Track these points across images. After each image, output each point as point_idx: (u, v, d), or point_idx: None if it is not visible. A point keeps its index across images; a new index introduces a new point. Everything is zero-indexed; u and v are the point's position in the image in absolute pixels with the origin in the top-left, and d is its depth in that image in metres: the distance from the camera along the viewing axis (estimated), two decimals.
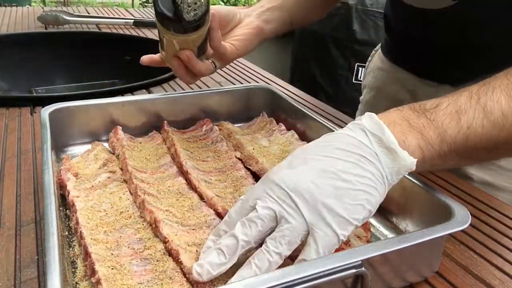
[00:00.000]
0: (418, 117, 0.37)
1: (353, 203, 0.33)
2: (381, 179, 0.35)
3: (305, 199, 0.33)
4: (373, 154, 0.35)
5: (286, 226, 0.33)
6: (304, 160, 0.35)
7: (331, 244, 0.33)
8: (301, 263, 0.33)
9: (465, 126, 0.36)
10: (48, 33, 1.23)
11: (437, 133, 0.36)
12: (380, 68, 0.79)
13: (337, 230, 0.33)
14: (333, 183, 0.33)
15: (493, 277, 0.41)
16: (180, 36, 0.48)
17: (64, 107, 0.57)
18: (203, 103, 0.66)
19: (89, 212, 0.43)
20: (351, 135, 0.36)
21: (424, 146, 0.36)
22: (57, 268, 0.31)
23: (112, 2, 5.11)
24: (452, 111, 0.37)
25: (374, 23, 1.94)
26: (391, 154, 0.35)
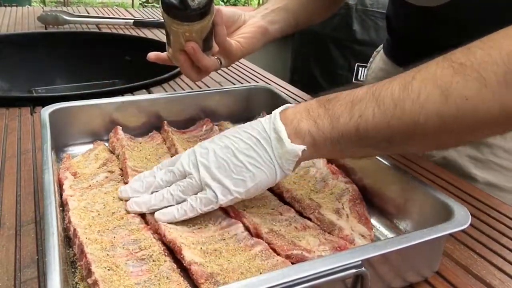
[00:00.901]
0: (318, 107, 0.40)
1: (236, 177, 0.41)
2: (269, 162, 0.41)
3: (205, 166, 0.42)
4: (267, 138, 0.41)
5: (186, 180, 0.43)
6: (221, 137, 0.44)
7: (209, 201, 0.41)
8: (301, 263, 0.33)
9: (356, 114, 0.38)
10: (48, 33, 1.23)
11: (329, 121, 0.39)
12: (382, 69, 0.79)
13: (218, 195, 0.41)
14: (227, 158, 0.41)
15: (493, 277, 0.41)
16: (185, 26, 0.50)
17: (64, 107, 0.57)
18: (203, 103, 0.66)
19: (82, 212, 0.43)
20: (261, 122, 0.42)
21: (315, 132, 0.39)
22: (57, 268, 0.31)
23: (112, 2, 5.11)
24: (348, 101, 0.39)
25: (374, 23, 1.94)
26: (281, 140, 0.40)
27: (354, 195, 0.48)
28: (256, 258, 0.39)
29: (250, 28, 0.61)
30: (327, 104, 0.40)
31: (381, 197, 0.49)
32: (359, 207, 0.47)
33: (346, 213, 0.46)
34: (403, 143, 0.39)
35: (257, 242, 0.41)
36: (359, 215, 0.46)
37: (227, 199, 0.41)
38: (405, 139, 0.38)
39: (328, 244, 0.41)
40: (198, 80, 0.59)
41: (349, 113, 0.38)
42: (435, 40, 0.64)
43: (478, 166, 0.63)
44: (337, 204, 0.47)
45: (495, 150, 0.62)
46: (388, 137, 0.37)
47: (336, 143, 0.39)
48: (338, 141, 0.39)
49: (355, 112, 0.38)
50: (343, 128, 0.38)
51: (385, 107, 0.36)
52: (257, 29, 0.61)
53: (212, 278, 0.36)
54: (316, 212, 0.46)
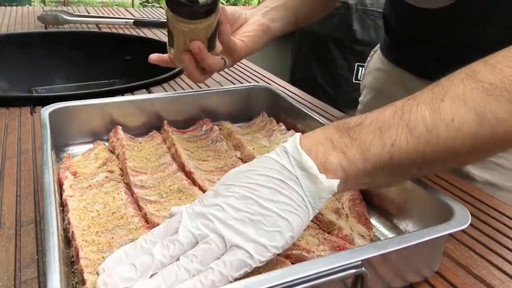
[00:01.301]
0: (341, 136, 0.36)
1: (271, 230, 0.34)
2: (302, 204, 0.35)
3: (225, 224, 0.33)
4: (293, 178, 0.35)
5: (201, 246, 0.33)
6: (228, 187, 0.36)
7: (243, 265, 0.33)
8: (301, 263, 0.33)
9: (388, 143, 0.35)
10: (48, 33, 1.23)
11: (360, 152, 0.35)
12: (380, 69, 0.79)
13: (253, 254, 0.33)
14: (251, 210, 0.34)
15: (493, 277, 0.41)
16: (191, 24, 0.49)
17: (64, 107, 0.57)
18: (203, 103, 0.66)
19: (81, 212, 0.43)
20: (276, 159, 0.36)
21: (347, 165, 0.35)
22: (57, 268, 0.31)
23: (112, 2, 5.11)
24: (376, 128, 0.36)
25: (374, 23, 1.94)
26: (311, 177, 0.35)
27: (353, 195, 0.48)
28: None
29: (252, 26, 0.61)
30: (351, 133, 0.36)
31: (381, 197, 0.49)
32: (358, 207, 0.47)
33: (345, 213, 0.46)
34: (433, 168, 0.38)
35: None
36: (359, 215, 0.46)
37: (265, 258, 0.33)
38: (437, 164, 0.37)
39: (327, 244, 0.41)
40: (202, 81, 0.58)
41: (379, 142, 0.35)
42: (433, 40, 0.64)
43: (476, 165, 0.63)
44: (336, 204, 0.47)
45: None
46: (421, 164, 0.36)
47: (368, 175, 0.36)
48: (371, 172, 0.36)
49: (386, 141, 0.35)
50: (376, 158, 0.35)
51: (419, 134, 0.34)
52: (259, 27, 0.61)
53: None
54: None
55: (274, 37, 0.64)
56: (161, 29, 1.33)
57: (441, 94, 0.35)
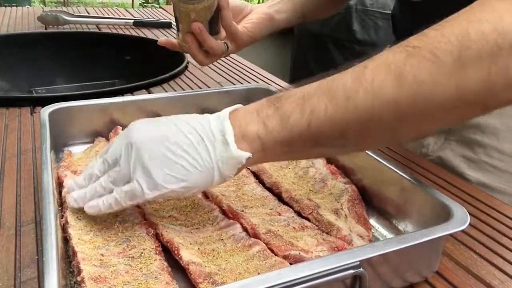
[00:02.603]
0: (268, 107, 0.37)
1: (168, 173, 0.37)
2: (208, 164, 0.37)
3: (135, 155, 0.37)
4: (211, 139, 0.37)
5: (116, 169, 0.39)
6: (160, 121, 0.40)
7: (133, 195, 0.38)
8: (299, 264, 0.33)
9: (308, 110, 0.35)
10: (48, 33, 1.23)
11: (279, 120, 0.36)
12: None
13: (144, 189, 0.37)
14: (163, 151, 0.37)
15: (493, 277, 0.41)
16: (190, 5, 0.53)
17: (64, 107, 0.57)
18: (203, 103, 0.66)
19: (79, 209, 0.43)
20: (209, 119, 0.39)
21: (264, 134, 0.36)
22: (55, 268, 0.31)
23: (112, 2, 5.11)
24: (299, 97, 0.36)
25: (374, 23, 1.94)
26: (227, 144, 0.37)
27: (353, 196, 0.48)
28: (254, 259, 0.39)
29: (256, 15, 0.63)
30: (277, 103, 0.37)
31: (380, 198, 0.49)
32: (358, 208, 0.47)
33: (344, 213, 0.46)
34: (359, 138, 0.36)
35: (255, 242, 0.41)
36: (358, 215, 0.46)
37: (154, 194, 0.37)
38: (361, 133, 0.36)
39: (326, 244, 0.41)
40: (207, 64, 0.60)
41: (300, 110, 0.35)
42: None
43: (471, 166, 0.63)
44: (336, 205, 0.47)
45: (488, 151, 0.62)
46: (343, 133, 0.35)
47: (286, 144, 0.36)
48: (288, 142, 0.36)
49: (306, 109, 0.35)
50: (294, 127, 0.35)
51: (338, 100, 0.34)
52: (263, 16, 0.62)
53: (210, 277, 0.36)
54: (314, 212, 0.46)
55: (279, 27, 0.65)
56: (161, 29, 1.33)
57: (367, 61, 0.35)
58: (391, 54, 0.34)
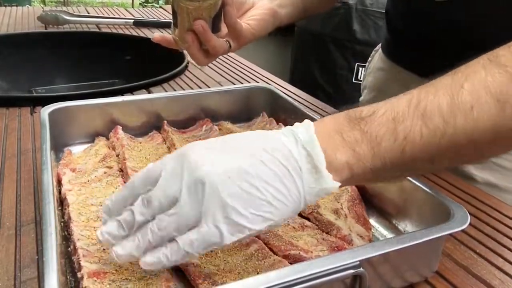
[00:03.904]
0: (352, 129, 0.33)
1: (254, 213, 0.31)
2: (297, 198, 0.32)
3: (210, 193, 0.30)
4: (297, 169, 0.32)
5: (178, 211, 0.31)
6: (229, 150, 0.33)
7: (209, 242, 0.31)
8: (299, 264, 0.33)
9: (401, 136, 0.32)
10: (48, 33, 1.23)
11: (370, 147, 0.33)
12: (381, 69, 0.79)
13: (224, 234, 0.31)
14: (245, 187, 0.31)
15: (493, 277, 0.41)
16: (195, 2, 0.48)
17: (64, 107, 0.57)
18: (203, 103, 0.66)
19: (81, 206, 0.43)
20: (284, 143, 0.33)
21: (355, 163, 0.33)
22: (55, 268, 0.31)
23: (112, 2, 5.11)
24: (389, 119, 0.33)
25: (374, 23, 1.94)
26: (316, 174, 0.32)
27: (353, 195, 0.48)
28: (252, 258, 0.39)
29: (259, 10, 0.59)
30: (362, 124, 0.33)
31: (380, 197, 0.49)
32: (357, 207, 0.47)
33: (344, 213, 0.46)
34: (448, 162, 0.35)
35: (252, 240, 0.41)
36: (358, 215, 0.46)
37: (235, 239, 0.31)
38: (453, 158, 0.34)
39: (326, 244, 0.41)
40: (206, 63, 0.56)
41: (391, 134, 0.32)
42: (436, 38, 0.64)
43: (477, 166, 0.62)
44: (335, 204, 0.47)
45: None
46: (435, 158, 0.33)
47: (375, 172, 0.33)
48: (379, 170, 0.33)
49: (399, 133, 0.32)
50: (386, 153, 0.32)
51: (434, 125, 0.32)
52: (266, 11, 0.59)
53: (209, 278, 0.36)
54: (314, 212, 0.46)
55: (281, 22, 0.62)
56: (161, 29, 1.33)
57: (461, 80, 0.32)
58: (489, 76, 0.32)
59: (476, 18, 0.57)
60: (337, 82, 2.06)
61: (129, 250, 0.32)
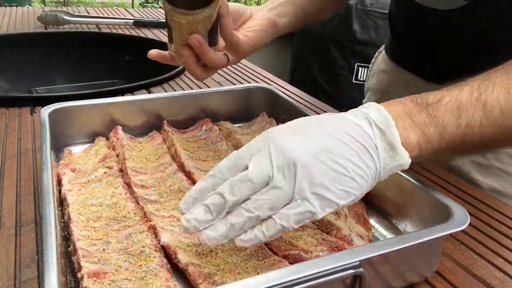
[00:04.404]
0: (420, 112, 0.37)
1: (341, 188, 0.34)
2: (374, 173, 0.35)
3: (302, 173, 0.33)
4: (373, 147, 0.35)
5: (273, 192, 0.33)
6: (310, 132, 0.35)
7: (303, 217, 0.33)
8: (299, 264, 0.33)
9: (464, 123, 0.37)
10: (48, 33, 1.23)
11: (437, 131, 0.37)
12: (384, 71, 0.78)
13: (317, 208, 0.33)
14: (331, 165, 0.33)
15: (493, 277, 0.41)
16: (189, 15, 0.47)
17: (64, 107, 0.57)
18: (203, 103, 0.66)
19: (81, 206, 0.43)
20: (357, 123, 0.36)
21: (424, 144, 0.37)
22: (55, 268, 0.31)
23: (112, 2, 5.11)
24: (454, 107, 0.37)
25: (374, 23, 1.94)
26: (392, 151, 0.35)
27: None
28: (252, 258, 0.39)
29: (257, 21, 0.57)
30: (430, 109, 0.37)
31: (380, 198, 0.49)
32: (358, 208, 0.47)
33: (344, 213, 0.46)
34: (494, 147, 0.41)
35: None
36: (358, 215, 0.46)
37: (325, 213, 0.34)
38: (502, 144, 0.40)
39: (326, 244, 0.41)
40: (204, 78, 0.54)
41: (456, 121, 0.37)
42: (440, 41, 0.63)
43: (482, 172, 0.62)
44: None
45: (499, 156, 0.61)
46: (488, 144, 0.38)
47: (438, 152, 0.37)
48: (442, 150, 0.37)
49: (462, 121, 0.37)
50: (451, 138, 0.37)
51: (494, 117, 0.36)
52: (265, 22, 0.57)
53: (209, 278, 0.36)
54: None
55: (281, 32, 0.61)
56: (161, 29, 1.33)
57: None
58: None
59: (480, 23, 0.57)
60: (337, 82, 2.06)
61: (222, 232, 0.33)
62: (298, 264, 0.33)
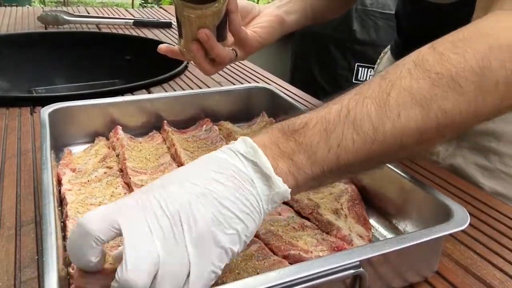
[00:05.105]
0: (287, 140, 0.34)
1: (231, 233, 0.30)
2: (257, 207, 0.32)
3: (189, 227, 0.29)
4: (249, 180, 0.32)
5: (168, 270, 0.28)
6: (179, 182, 0.31)
7: (209, 282, 0.30)
8: (299, 264, 0.33)
9: (334, 144, 0.34)
10: (48, 33, 1.23)
11: (306, 157, 0.34)
12: None
13: (215, 263, 0.30)
14: (214, 210, 0.30)
15: (493, 277, 0.41)
16: (198, 10, 0.47)
17: (64, 107, 0.57)
18: (203, 103, 0.66)
19: (79, 205, 0.43)
20: (227, 159, 0.33)
21: (296, 171, 0.34)
22: (55, 268, 0.31)
23: (112, 2, 5.11)
24: (321, 129, 0.34)
25: (374, 23, 1.94)
26: (267, 180, 0.32)
27: (353, 196, 0.48)
28: (252, 258, 0.39)
29: (266, 18, 0.58)
30: (296, 136, 0.34)
31: (380, 198, 0.49)
32: (358, 208, 0.47)
33: (344, 213, 0.46)
34: (381, 163, 0.38)
35: (252, 241, 0.40)
36: (358, 215, 0.46)
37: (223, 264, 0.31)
38: (384, 159, 0.37)
39: (325, 244, 0.41)
40: (212, 73, 0.54)
41: (325, 144, 0.34)
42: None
43: (485, 175, 0.62)
44: (335, 204, 0.47)
45: (504, 159, 0.60)
46: (368, 161, 0.35)
47: (317, 179, 0.35)
48: (319, 176, 0.34)
49: (332, 142, 0.34)
50: (323, 161, 0.34)
51: (365, 133, 0.34)
52: (273, 19, 0.58)
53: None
54: (314, 212, 0.46)
55: (289, 29, 0.61)
56: (161, 29, 1.33)
57: (388, 87, 0.34)
58: (414, 81, 0.34)
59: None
60: (337, 82, 2.06)
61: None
62: (298, 264, 0.33)
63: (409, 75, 0.34)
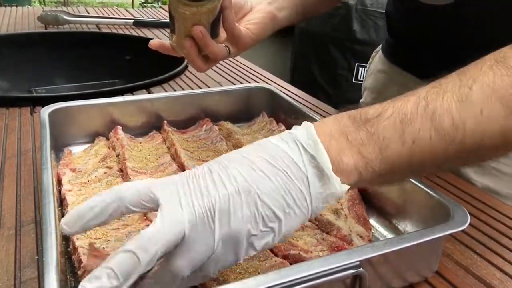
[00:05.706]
0: (358, 130, 0.32)
1: (265, 230, 0.30)
2: (303, 207, 0.30)
3: (220, 225, 0.29)
4: (302, 177, 0.30)
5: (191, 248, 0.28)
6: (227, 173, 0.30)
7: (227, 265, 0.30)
8: (299, 264, 0.33)
9: (409, 139, 0.31)
10: (48, 33, 1.23)
11: (377, 150, 0.31)
12: (381, 70, 0.78)
13: (239, 256, 0.30)
14: (254, 208, 0.29)
15: (493, 277, 0.41)
16: (193, 7, 0.47)
17: (64, 107, 0.57)
18: (203, 103, 0.66)
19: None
20: (284, 149, 0.31)
21: (362, 167, 0.31)
22: (55, 268, 0.31)
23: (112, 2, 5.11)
24: (396, 121, 0.31)
25: (374, 23, 1.94)
26: (323, 178, 0.30)
27: (353, 196, 0.48)
28: (253, 259, 0.39)
29: (258, 14, 0.58)
30: (368, 126, 0.32)
31: (380, 198, 0.49)
32: (358, 208, 0.47)
33: (344, 213, 0.46)
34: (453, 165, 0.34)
35: None
36: (358, 215, 0.46)
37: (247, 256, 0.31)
38: (459, 163, 0.34)
39: (325, 244, 0.41)
40: (205, 70, 0.54)
41: (400, 138, 0.31)
42: (438, 39, 0.63)
43: (477, 171, 0.62)
44: (335, 204, 0.47)
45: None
46: (442, 163, 0.32)
47: (383, 176, 0.32)
48: (387, 174, 0.32)
49: (407, 137, 0.31)
50: (394, 158, 0.31)
51: (444, 130, 0.31)
52: (265, 15, 0.58)
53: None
54: None
55: (281, 25, 0.61)
56: (161, 29, 1.33)
57: (469, 82, 0.31)
58: (497, 77, 0.31)
59: (477, 20, 0.57)
60: (337, 82, 2.06)
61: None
62: (298, 264, 0.33)
63: (491, 71, 0.32)
